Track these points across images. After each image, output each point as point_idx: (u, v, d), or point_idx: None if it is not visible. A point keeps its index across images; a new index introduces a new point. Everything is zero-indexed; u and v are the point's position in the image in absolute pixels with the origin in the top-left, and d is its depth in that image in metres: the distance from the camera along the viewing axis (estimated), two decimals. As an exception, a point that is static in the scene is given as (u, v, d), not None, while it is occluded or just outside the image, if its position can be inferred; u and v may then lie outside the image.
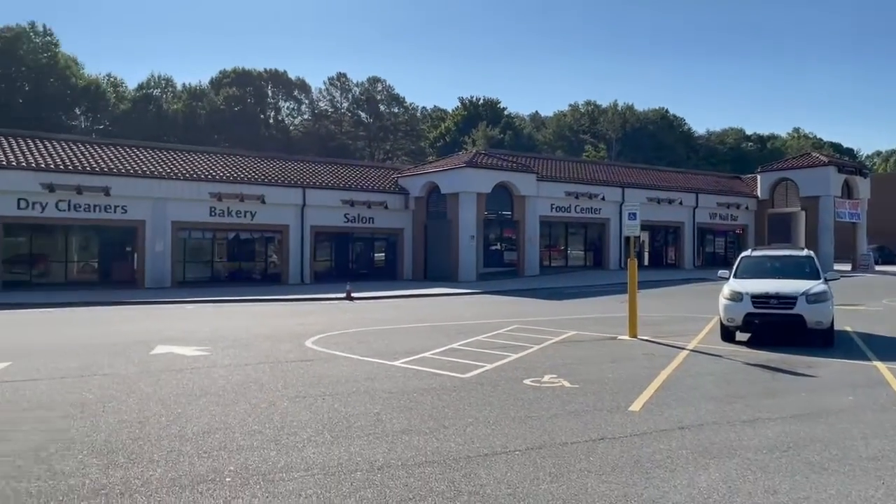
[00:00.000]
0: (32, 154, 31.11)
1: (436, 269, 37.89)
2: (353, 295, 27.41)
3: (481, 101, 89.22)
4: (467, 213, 36.37)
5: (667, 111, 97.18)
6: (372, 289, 30.77)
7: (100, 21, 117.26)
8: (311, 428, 7.63)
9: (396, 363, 11.98)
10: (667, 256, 48.82)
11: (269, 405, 8.75)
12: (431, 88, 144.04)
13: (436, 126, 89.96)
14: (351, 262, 40.15)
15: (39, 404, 8.77)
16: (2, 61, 58.91)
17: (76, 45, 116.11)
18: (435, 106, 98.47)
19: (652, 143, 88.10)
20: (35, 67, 60.65)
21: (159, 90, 75.15)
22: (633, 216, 15.54)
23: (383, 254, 41.23)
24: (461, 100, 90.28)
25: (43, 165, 30.11)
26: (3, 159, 29.59)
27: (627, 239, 19.48)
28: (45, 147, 32.48)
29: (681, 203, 46.14)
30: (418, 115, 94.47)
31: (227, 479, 5.93)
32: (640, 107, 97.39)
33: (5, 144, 31.39)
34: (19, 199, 29.25)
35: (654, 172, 51.51)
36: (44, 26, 63.82)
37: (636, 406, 8.81)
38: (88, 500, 5.45)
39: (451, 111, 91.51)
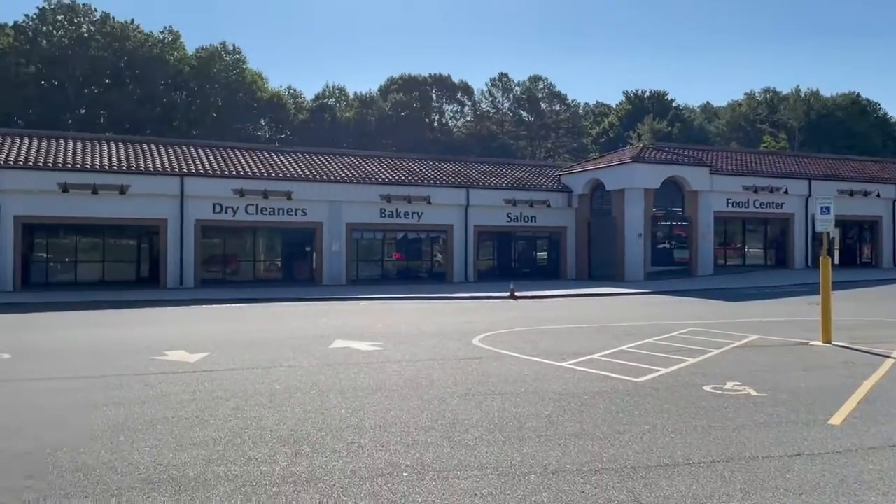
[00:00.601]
0: (225, 162, 34.10)
1: (600, 269, 36.96)
2: (517, 294, 27.38)
3: (647, 94, 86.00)
4: (634, 209, 35.13)
5: (858, 96, 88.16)
6: (535, 288, 30.58)
7: (281, 40, 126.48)
8: (482, 427, 7.62)
9: (565, 364, 11.73)
10: (861, 254, 44.29)
11: (440, 402, 8.86)
12: (594, 84, 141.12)
13: (598, 122, 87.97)
14: (513, 261, 40.19)
15: (234, 393, 9.49)
16: (198, 78, 65.29)
17: (261, 61, 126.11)
18: (598, 101, 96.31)
19: (841, 132, 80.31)
20: (226, 83, 66.60)
21: (333, 99, 79.73)
22: (826, 210, 14.16)
23: (545, 252, 40.87)
24: (626, 93, 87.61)
25: (234, 173, 32.92)
26: (202, 167, 32.69)
27: (816, 235, 17.77)
28: (236, 156, 35.48)
29: (878, 195, 41.64)
30: (580, 111, 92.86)
31: (405, 474, 6.04)
32: (827, 92, 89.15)
33: (202, 154, 34.66)
34: (214, 204, 32.16)
35: (845, 162, 46.93)
36: (233, 46, 69.93)
37: (836, 420, 7.95)
38: (279, 486, 5.77)
39: (614, 106, 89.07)
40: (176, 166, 32.28)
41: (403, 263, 38.12)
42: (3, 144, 30.98)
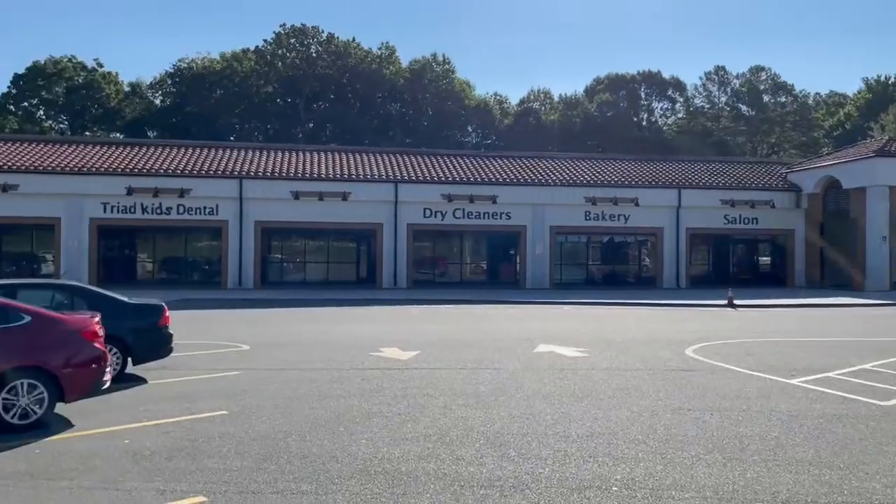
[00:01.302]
0: (434, 169, 35.54)
1: (835, 276, 33.27)
2: (736, 302, 25.45)
3: (892, 80, 76.05)
4: (876, 210, 31.20)
5: None
6: (757, 296, 28.25)
7: (487, 48, 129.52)
8: (698, 445, 7.09)
9: (794, 381, 10.61)
10: None
11: (651, 415, 8.41)
12: (826, 71, 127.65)
13: (832, 113, 79.32)
14: (731, 267, 37.53)
15: (442, 392, 9.75)
16: (412, 90, 68.89)
17: (468, 70, 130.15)
18: (831, 91, 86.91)
19: None
20: (436, 93, 69.57)
21: (538, 103, 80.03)
22: None
23: (769, 257, 37.67)
24: (865, 80, 78.16)
25: (443, 178, 34.21)
26: (413, 174, 34.38)
27: None
28: (444, 162, 36.83)
29: None
30: (810, 102, 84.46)
31: (614, 489, 5.77)
32: None
33: (414, 161, 36.43)
34: (424, 209, 33.63)
35: None
36: (443, 56, 72.86)
37: None
38: (485, 489, 5.78)
39: (851, 95, 79.85)
40: (391, 173, 34.24)
41: (609, 267, 37.16)
42: (246, 158, 34.89)
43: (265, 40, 67.49)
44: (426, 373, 11.26)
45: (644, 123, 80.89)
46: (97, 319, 8.64)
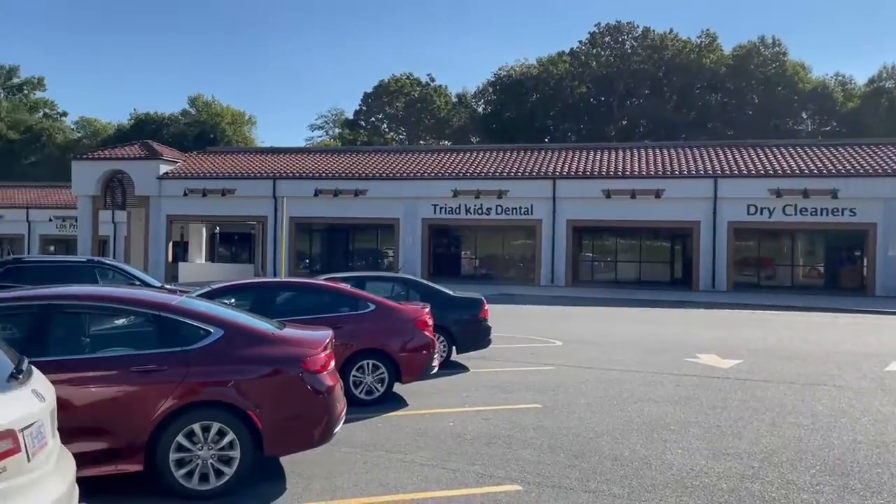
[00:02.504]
0: (760, 161, 32.56)
1: None
2: None
3: None
4: None
5: None
6: None
7: (827, 24, 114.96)
8: None
9: None
10: None
11: None
12: None
13: None
14: None
15: (769, 407, 8.85)
16: (734, 77, 64.07)
17: (803, 51, 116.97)
18: None
19: None
20: (763, 79, 63.73)
21: (892, 81, 68.79)
22: None
23: None
24: None
25: (770, 172, 31.19)
26: (735, 168, 31.91)
27: None
28: (772, 154, 33.53)
29: None
30: None
31: None
32: None
33: (735, 154, 33.78)
34: (748, 205, 31.00)
35: None
36: (773, 38, 66.48)
37: None
38: (824, 522, 5.08)
39: None
40: (709, 168, 32.23)
41: None
42: (559, 158, 35.69)
43: (580, 41, 68.37)
44: (750, 384, 10.34)
45: None
46: (428, 310, 9.53)
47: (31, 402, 3.36)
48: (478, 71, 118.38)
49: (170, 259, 36.02)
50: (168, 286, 14.57)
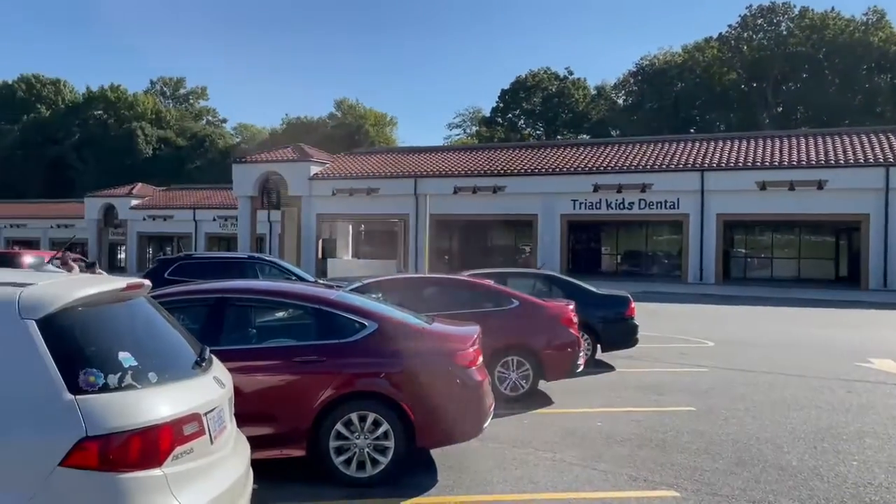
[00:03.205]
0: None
1: None
2: None
3: None
4: None
5: None
6: None
7: None
8: None
9: None
10: None
11: None
12: None
13: None
14: None
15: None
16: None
17: None
18: None
19: None
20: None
21: None
22: None
23: None
24: None
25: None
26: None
27: None
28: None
29: None
30: None
31: None
32: None
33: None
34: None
35: None
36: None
37: None
38: None
39: None
40: (879, 156, 29.44)
41: None
42: (707, 149, 33.93)
43: (729, 26, 64.73)
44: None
45: None
46: (572, 307, 9.36)
47: (214, 388, 3.62)
48: (618, 62, 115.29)
49: (319, 255, 37.92)
50: (321, 281, 15.31)
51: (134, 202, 50.26)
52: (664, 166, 32.52)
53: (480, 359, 6.22)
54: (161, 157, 74.57)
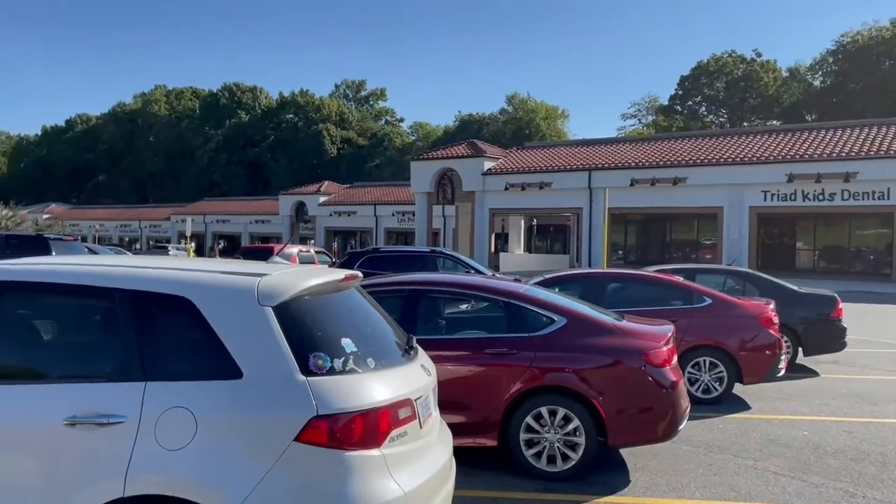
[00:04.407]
0: None
1: None
2: None
3: None
4: None
5: None
6: None
7: None
8: None
9: None
10: None
11: None
12: None
13: None
14: None
15: None
16: None
17: None
18: None
19: None
20: None
21: None
22: None
23: None
24: None
25: None
26: None
27: None
28: None
29: None
30: None
31: None
32: None
33: None
34: None
35: None
36: None
37: None
38: None
39: None
40: None
41: None
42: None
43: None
44: None
45: None
46: (772, 307, 8.72)
47: (422, 375, 3.76)
48: (814, 40, 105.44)
49: (492, 250, 38.39)
50: (498, 274, 15.49)
51: (322, 199, 53.79)
52: (872, 153, 29.29)
53: (675, 358, 5.99)
54: (344, 156, 79.17)
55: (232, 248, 51.84)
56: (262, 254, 21.12)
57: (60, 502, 3.04)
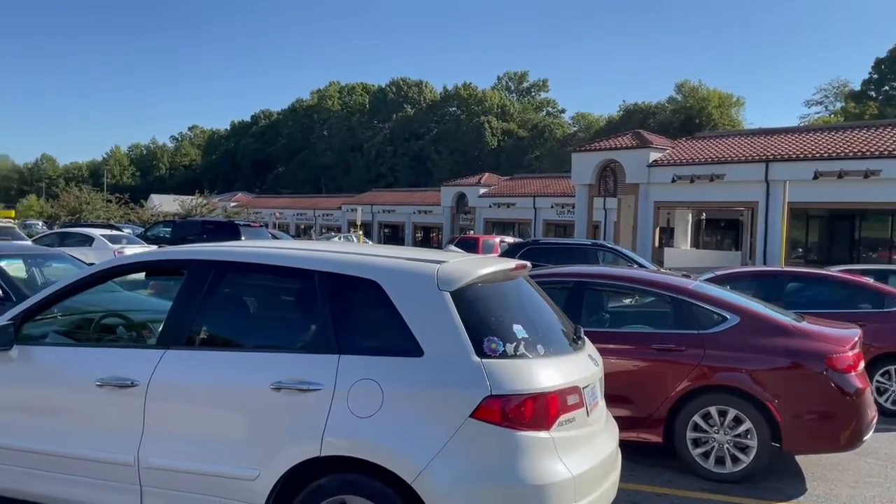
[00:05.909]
0: None
1: None
2: None
3: None
4: None
5: None
6: None
7: None
8: None
9: None
10: None
11: None
12: None
13: None
14: None
15: None
16: None
17: None
18: None
19: None
20: None
21: None
22: None
23: None
24: None
25: None
26: None
27: None
28: None
29: None
30: None
31: None
32: None
33: None
34: None
35: None
36: None
37: None
38: None
39: None
40: None
41: None
42: None
43: None
44: None
45: None
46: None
47: (589, 365, 3.85)
48: None
49: (655, 244, 37.08)
50: (663, 270, 15.02)
51: (482, 191, 54.61)
52: None
53: (861, 364, 5.59)
54: (504, 148, 79.73)
55: (395, 237, 54.07)
56: (470, 244, 25.67)
57: (268, 456, 3.44)
